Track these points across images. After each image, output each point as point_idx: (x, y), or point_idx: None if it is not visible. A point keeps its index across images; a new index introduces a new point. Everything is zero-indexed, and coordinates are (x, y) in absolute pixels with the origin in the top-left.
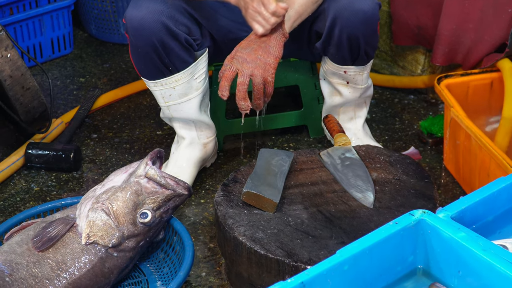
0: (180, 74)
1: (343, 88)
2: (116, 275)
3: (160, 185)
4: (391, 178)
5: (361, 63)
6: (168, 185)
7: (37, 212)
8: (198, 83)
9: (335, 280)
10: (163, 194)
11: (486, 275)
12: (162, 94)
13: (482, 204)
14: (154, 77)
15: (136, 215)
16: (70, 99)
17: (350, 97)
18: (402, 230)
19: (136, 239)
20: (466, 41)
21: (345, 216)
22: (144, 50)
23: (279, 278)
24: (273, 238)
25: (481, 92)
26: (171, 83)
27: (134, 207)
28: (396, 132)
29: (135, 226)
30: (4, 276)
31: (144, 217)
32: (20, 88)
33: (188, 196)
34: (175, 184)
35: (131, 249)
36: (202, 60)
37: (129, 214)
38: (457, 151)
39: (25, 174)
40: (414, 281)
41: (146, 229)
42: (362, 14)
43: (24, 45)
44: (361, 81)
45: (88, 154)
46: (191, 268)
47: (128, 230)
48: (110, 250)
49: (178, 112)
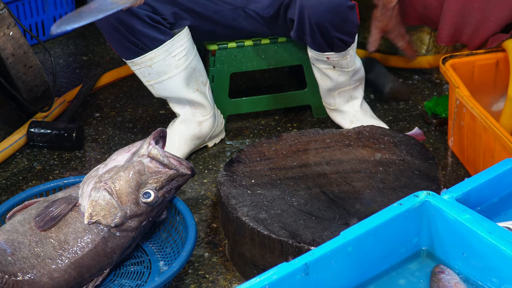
0: (153, 52)
1: (331, 72)
2: (119, 255)
3: (163, 165)
4: (395, 159)
5: (340, 49)
6: (171, 165)
7: (40, 191)
8: (178, 60)
9: (339, 262)
10: (166, 174)
11: (491, 257)
12: (141, 73)
13: (487, 186)
14: (129, 57)
15: (138, 195)
16: (72, 77)
17: (341, 80)
18: (407, 211)
19: (139, 219)
20: (472, 21)
21: (349, 197)
22: (106, 30)
23: (282, 259)
24: (276, 219)
25: (486, 72)
26: (146, 62)
27: (137, 186)
28: (400, 112)
29: (138, 205)
30: (6, 255)
31: (147, 197)
32: (22, 67)
33: (191, 176)
34: (178, 164)
35: (134, 229)
36: (179, 37)
37: (131, 193)
38: (461, 132)
39: (28, 153)
40: (418, 263)
41: (149, 209)
42: (327, 3)
43: (26, 23)
44: (346, 64)
45: (91, 133)
46: (193, 249)
47: (130, 210)
48: (112, 229)
49: (163, 91)
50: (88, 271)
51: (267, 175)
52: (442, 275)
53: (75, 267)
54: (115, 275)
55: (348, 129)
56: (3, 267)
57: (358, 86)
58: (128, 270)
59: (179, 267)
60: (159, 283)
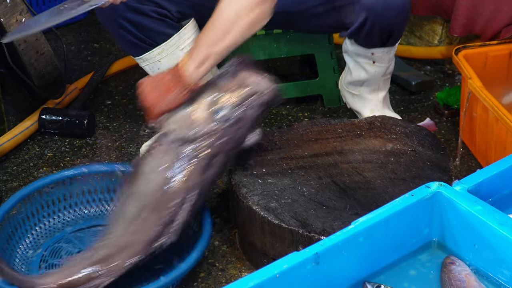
0: (161, 47)
1: (369, 66)
2: (198, 177)
3: (239, 81)
4: (406, 149)
5: (390, 45)
6: (248, 80)
7: (57, 178)
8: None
9: (349, 252)
10: (243, 91)
11: (502, 249)
12: (151, 69)
13: (499, 178)
14: (137, 53)
15: (212, 111)
16: (84, 65)
17: (376, 74)
18: (418, 202)
19: (214, 137)
20: (485, 12)
21: (360, 187)
22: (114, 29)
23: (293, 248)
24: (287, 208)
25: (499, 63)
26: (155, 57)
27: (210, 102)
28: (411, 103)
29: (212, 122)
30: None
31: (221, 112)
32: (34, 53)
33: (274, 96)
34: (255, 77)
35: (208, 146)
36: (186, 29)
37: (204, 109)
38: (473, 123)
39: (39, 139)
40: (429, 254)
41: (224, 127)
42: (395, 8)
43: (38, 10)
44: (388, 59)
45: (102, 121)
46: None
47: (204, 127)
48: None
49: None
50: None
51: (278, 164)
52: (452, 266)
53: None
54: None
55: (359, 119)
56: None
57: (387, 79)
58: None
59: (184, 271)
60: (164, 282)
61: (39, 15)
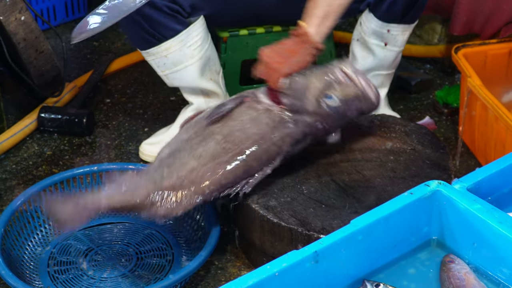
0: (169, 42)
1: (379, 49)
2: (288, 145)
3: (352, 81)
4: (406, 148)
5: (409, 21)
6: (359, 83)
7: (66, 176)
8: (193, 50)
9: (349, 250)
10: (352, 89)
11: (502, 248)
12: (156, 64)
13: (498, 176)
14: (145, 47)
15: (322, 95)
16: (83, 63)
17: (384, 59)
18: (417, 200)
19: (314, 118)
20: (485, 11)
21: (359, 185)
22: (124, 23)
23: (292, 247)
24: (286, 207)
25: (499, 62)
26: (162, 52)
27: (323, 87)
28: (411, 101)
29: (318, 104)
30: (163, 171)
31: (329, 99)
32: (33, 51)
33: (375, 105)
34: (366, 85)
35: (306, 125)
36: (195, 27)
37: (316, 90)
38: (472, 122)
39: (38, 138)
40: (428, 252)
41: (326, 113)
42: None
43: (38, 7)
44: (401, 42)
45: (101, 119)
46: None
47: (311, 105)
48: (286, 117)
49: (177, 80)
50: (256, 161)
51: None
52: (452, 264)
53: (242, 157)
54: (135, 266)
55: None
56: (158, 185)
57: (391, 74)
58: (150, 262)
59: (192, 269)
60: (172, 281)
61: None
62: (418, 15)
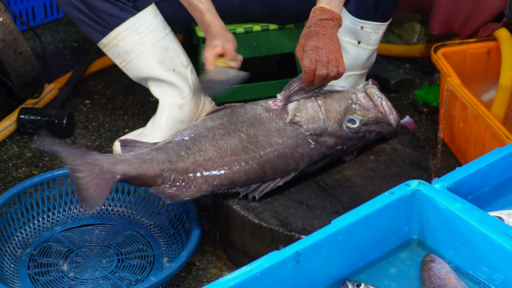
0: (117, 30)
1: (352, 48)
2: (306, 164)
3: (375, 105)
4: (386, 147)
5: (381, 19)
6: (381, 108)
7: (46, 178)
8: (143, 37)
9: (330, 250)
10: (374, 114)
11: (482, 247)
12: (112, 55)
13: (478, 175)
14: (97, 38)
15: (344, 118)
16: (63, 64)
17: (358, 58)
18: (398, 200)
19: (335, 141)
20: (463, 10)
21: (340, 185)
22: (69, 11)
23: (273, 247)
24: (267, 207)
25: (478, 61)
26: (112, 41)
27: (345, 110)
28: (391, 101)
29: (340, 127)
30: (180, 150)
31: (351, 123)
32: (12, 53)
33: (394, 131)
34: (388, 110)
35: (327, 147)
36: (143, 14)
37: (338, 114)
38: (452, 121)
39: (18, 139)
40: (409, 252)
41: (347, 136)
42: None
43: (16, 8)
44: (374, 41)
45: (81, 120)
46: (192, 255)
47: (332, 128)
48: (308, 137)
49: (135, 71)
50: (271, 169)
51: None
52: (432, 264)
53: (259, 161)
54: (116, 267)
55: None
56: (173, 164)
57: (365, 74)
58: (131, 263)
59: (174, 270)
60: (154, 282)
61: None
62: (392, 13)
